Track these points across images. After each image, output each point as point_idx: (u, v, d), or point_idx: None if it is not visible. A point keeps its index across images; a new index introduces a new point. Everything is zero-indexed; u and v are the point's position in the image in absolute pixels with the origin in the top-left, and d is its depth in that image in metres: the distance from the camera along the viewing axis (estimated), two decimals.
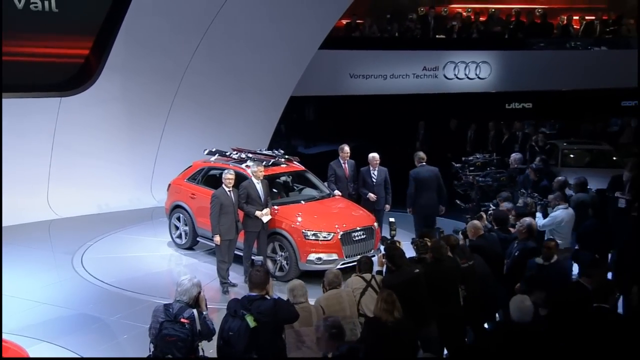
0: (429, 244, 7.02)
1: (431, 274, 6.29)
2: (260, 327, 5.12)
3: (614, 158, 15.08)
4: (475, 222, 7.69)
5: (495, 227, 7.93)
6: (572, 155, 15.23)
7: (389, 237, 7.00)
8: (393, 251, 6.38)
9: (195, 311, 5.11)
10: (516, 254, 7.42)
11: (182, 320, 5.01)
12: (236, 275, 9.42)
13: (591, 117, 19.12)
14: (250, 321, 5.09)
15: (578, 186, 9.77)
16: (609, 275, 8.62)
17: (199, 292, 5.21)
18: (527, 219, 7.68)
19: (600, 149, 15.52)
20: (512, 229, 8.12)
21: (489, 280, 7.03)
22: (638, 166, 11.87)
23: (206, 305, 5.29)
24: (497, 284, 7.12)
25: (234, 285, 9.26)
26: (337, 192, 10.42)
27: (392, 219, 7.38)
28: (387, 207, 10.63)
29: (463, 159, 10.20)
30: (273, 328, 5.30)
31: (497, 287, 7.09)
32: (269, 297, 5.40)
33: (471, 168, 9.91)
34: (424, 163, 10.32)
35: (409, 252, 7.08)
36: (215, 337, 5.27)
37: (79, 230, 11.75)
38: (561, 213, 8.63)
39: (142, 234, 11.79)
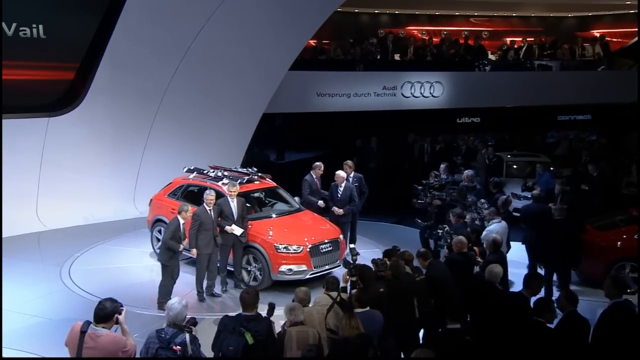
0: (387, 263, 7.12)
1: (390, 290, 6.35)
2: (255, 344, 5.19)
3: (551, 169, 15.39)
4: (462, 237, 7.69)
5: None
6: (515, 167, 15.52)
7: (351, 260, 7.00)
8: (365, 271, 6.44)
9: (187, 336, 4.94)
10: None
11: (174, 348, 4.86)
12: (217, 285, 9.32)
13: (531, 130, 19.49)
14: (249, 338, 5.17)
15: None
16: None
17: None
18: (492, 235, 7.82)
19: (540, 160, 15.82)
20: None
21: (450, 284, 7.00)
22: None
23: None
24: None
25: (218, 295, 9.20)
26: (320, 202, 10.46)
27: (352, 245, 7.38)
28: (341, 211, 10.46)
29: (424, 182, 10.30)
30: (265, 346, 5.35)
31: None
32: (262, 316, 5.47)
33: (431, 190, 10.02)
34: None
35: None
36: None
37: (67, 242, 11.50)
38: (495, 227, 8.80)
39: (126, 244, 11.57)
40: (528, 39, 21.33)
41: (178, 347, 4.88)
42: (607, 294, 6.18)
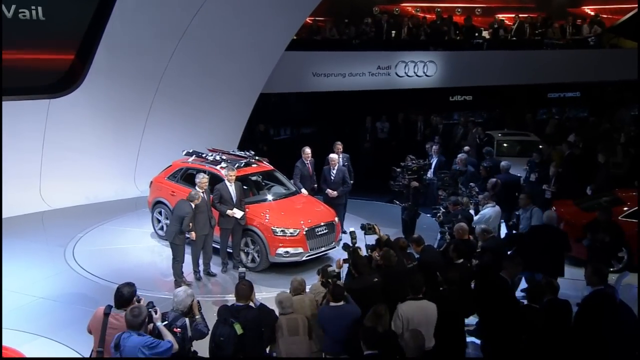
0: (375, 227, 7.33)
1: (384, 278, 6.44)
2: (246, 333, 5.33)
3: (540, 147, 15.44)
4: (463, 224, 7.79)
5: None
6: (505, 145, 15.56)
7: (350, 244, 7.08)
8: (357, 259, 6.50)
9: (187, 320, 5.23)
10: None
11: (175, 330, 5.13)
12: (213, 265, 9.46)
13: (522, 108, 19.46)
14: (238, 329, 5.30)
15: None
16: None
17: (193, 301, 5.34)
18: (480, 226, 7.90)
19: (529, 139, 15.86)
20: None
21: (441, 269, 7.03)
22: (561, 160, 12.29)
23: (199, 309, 5.39)
24: None
25: (214, 274, 9.34)
26: (303, 190, 10.46)
27: (352, 229, 7.42)
28: (335, 193, 10.58)
29: (402, 164, 10.33)
30: (258, 333, 5.51)
31: None
32: (253, 305, 5.59)
33: (409, 172, 10.05)
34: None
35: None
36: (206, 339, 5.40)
37: (70, 222, 11.53)
38: (489, 211, 8.92)
39: (127, 225, 11.60)
40: (520, 16, 21.06)
41: (178, 329, 5.16)
42: (588, 282, 6.29)
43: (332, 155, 10.68)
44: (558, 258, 8.18)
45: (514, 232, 9.43)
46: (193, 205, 8.68)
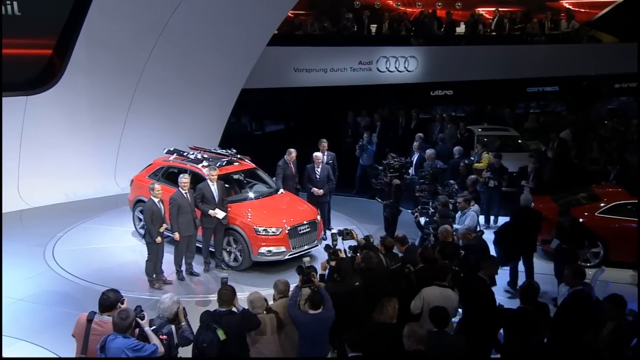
0: (352, 232, 7.36)
1: (364, 280, 6.46)
2: (229, 338, 5.31)
3: (519, 141, 15.59)
4: (447, 226, 7.82)
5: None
6: (485, 140, 15.64)
7: (332, 245, 7.08)
8: (341, 264, 6.48)
9: (173, 327, 5.23)
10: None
11: (161, 337, 5.10)
12: (196, 264, 9.39)
13: (501, 102, 19.59)
14: (221, 334, 5.28)
15: None
16: None
17: (178, 307, 5.32)
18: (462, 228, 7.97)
19: (509, 134, 15.99)
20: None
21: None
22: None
23: (185, 316, 5.36)
24: None
25: (197, 274, 9.30)
26: (281, 190, 10.42)
27: (334, 231, 7.41)
28: (321, 191, 10.59)
29: (384, 162, 10.35)
30: (241, 338, 5.51)
31: None
32: (236, 310, 5.58)
33: (391, 170, 10.07)
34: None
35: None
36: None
37: (49, 221, 11.35)
38: (468, 210, 8.98)
39: (108, 223, 11.46)
40: (500, 10, 21.14)
41: (164, 336, 5.13)
42: (568, 282, 6.37)
43: (317, 154, 10.67)
44: (532, 237, 8.83)
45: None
46: (156, 200, 8.64)
